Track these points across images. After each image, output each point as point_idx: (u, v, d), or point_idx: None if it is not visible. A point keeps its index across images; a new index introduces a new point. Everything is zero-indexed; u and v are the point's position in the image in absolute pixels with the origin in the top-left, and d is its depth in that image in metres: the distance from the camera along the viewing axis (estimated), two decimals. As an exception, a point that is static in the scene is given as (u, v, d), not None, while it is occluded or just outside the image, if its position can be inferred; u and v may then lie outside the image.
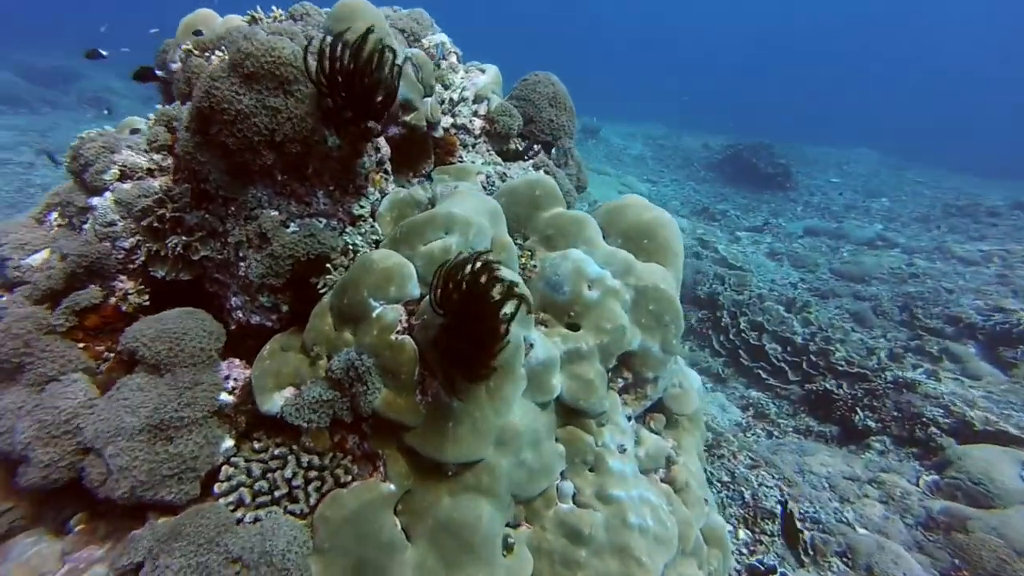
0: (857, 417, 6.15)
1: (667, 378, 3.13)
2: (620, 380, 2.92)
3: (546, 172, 3.83)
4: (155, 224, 2.35)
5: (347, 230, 2.51)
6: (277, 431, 2.36)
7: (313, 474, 2.27)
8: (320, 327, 2.31)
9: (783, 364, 7.27)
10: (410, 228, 2.42)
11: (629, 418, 2.95)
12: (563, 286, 2.70)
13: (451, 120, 3.46)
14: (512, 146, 3.86)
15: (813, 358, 7.10)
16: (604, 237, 3.07)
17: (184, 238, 2.36)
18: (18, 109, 16.41)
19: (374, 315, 2.22)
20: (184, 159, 2.23)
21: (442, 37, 4.21)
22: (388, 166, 2.72)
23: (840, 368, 6.85)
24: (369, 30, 2.10)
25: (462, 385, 2.20)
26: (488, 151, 3.66)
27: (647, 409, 3.18)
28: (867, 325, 8.62)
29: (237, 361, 2.47)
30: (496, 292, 2.02)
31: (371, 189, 2.56)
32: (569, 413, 2.65)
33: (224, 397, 2.21)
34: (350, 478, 2.29)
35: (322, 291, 2.39)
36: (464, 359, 2.14)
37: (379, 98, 2.18)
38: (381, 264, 2.23)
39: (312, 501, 2.21)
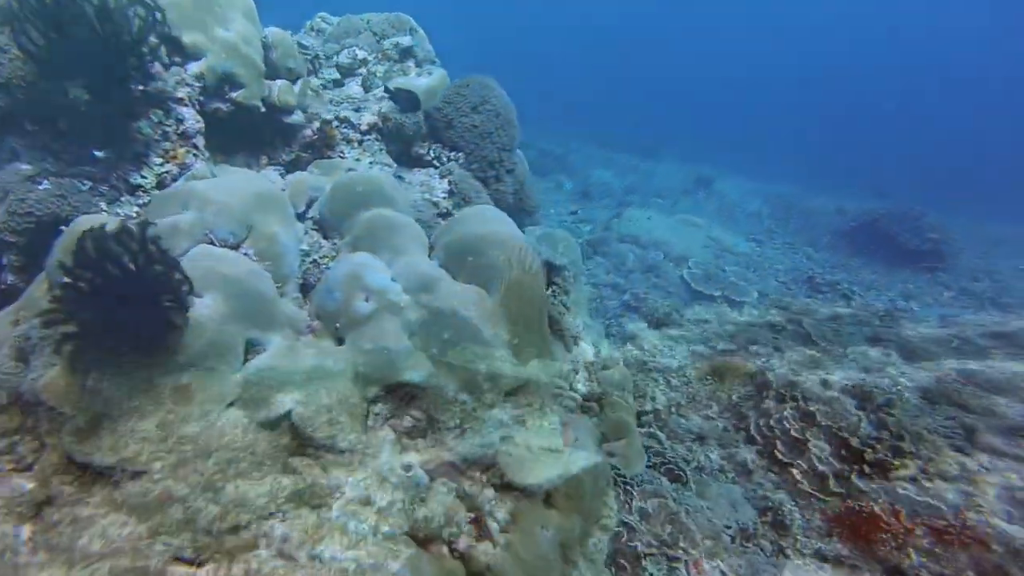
0: (909, 561, 4.60)
1: (488, 432, 2.49)
2: (407, 419, 2.37)
3: (450, 183, 3.44)
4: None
5: (122, 199, 2.38)
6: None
7: (-14, 451, 2.08)
8: (34, 293, 2.17)
9: (825, 468, 5.79)
10: (157, 201, 2.22)
11: (409, 467, 2.36)
12: (334, 292, 2.28)
13: (334, 113, 3.26)
14: (421, 150, 3.55)
15: (867, 469, 5.55)
16: (432, 250, 2.60)
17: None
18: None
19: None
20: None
21: (406, 39, 4.12)
22: (199, 140, 2.56)
23: (902, 490, 5.24)
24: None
25: (116, 373, 1.89)
26: (380, 150, 3.38)
27: (468, 464, 2.55)
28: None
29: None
30: (156, 269, 1.72)
31: (158, 160, 2.41)
32: (305, 442, 2.17)
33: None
34: (18, 467, 2.06)
35: (61, 255, 2.26)
36: (120, 340, 1.84)
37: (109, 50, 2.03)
38: (75, 230, 2.04)
39: (-34, 480, 2.02)
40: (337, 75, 4.06)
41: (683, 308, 10.01)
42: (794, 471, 6.10)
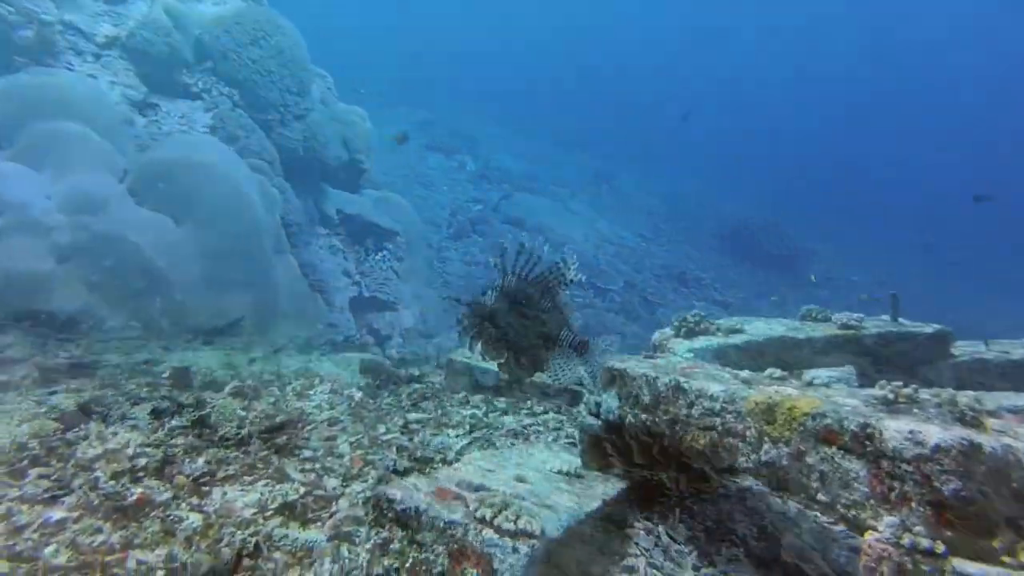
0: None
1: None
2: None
3: (215, 118, 3.17)
4: None
5: None
6: None
7: None
8: None
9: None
10: None
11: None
12: (-29, 204, 2.00)
13: (58, 17, 2.88)
14: (188, 80, 3.25)
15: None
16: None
17: None
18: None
19: None
20: None
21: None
22: None
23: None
24: None
25: None
26: (127, 70, 3.05)
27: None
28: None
29: None
30: None
31: None
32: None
33: None
34: None
35: None
36: None
37: None
38: None
39: None
40: (126, -10, 3.63)
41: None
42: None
